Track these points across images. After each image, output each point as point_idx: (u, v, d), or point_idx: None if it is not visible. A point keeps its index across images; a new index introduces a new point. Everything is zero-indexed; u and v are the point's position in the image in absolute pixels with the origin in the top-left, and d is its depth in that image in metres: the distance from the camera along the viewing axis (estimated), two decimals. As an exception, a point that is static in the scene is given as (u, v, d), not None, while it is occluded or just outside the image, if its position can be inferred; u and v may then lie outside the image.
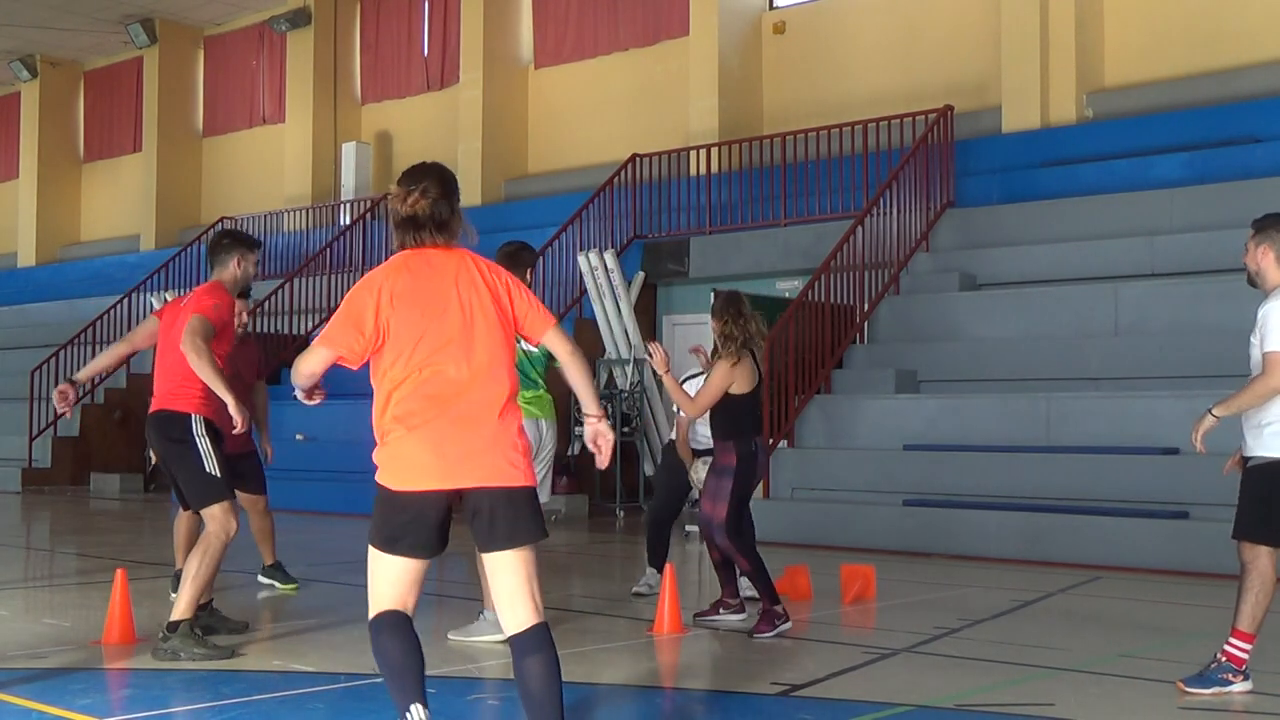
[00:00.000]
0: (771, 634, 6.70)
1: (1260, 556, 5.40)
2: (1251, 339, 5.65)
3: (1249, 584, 5.42)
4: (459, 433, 3.83)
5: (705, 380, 7.12)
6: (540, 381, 6.71)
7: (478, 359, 3.85)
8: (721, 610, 7.22)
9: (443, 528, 3.98)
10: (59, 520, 14.81)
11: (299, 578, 8.57)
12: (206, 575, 6.04)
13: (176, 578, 7.99)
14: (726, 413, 6.99)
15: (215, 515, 6.05)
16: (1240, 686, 5.40)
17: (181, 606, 5.96)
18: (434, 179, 3.95)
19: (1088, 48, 15.25)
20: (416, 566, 3.92)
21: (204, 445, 6.10)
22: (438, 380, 3.82)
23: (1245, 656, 5.44)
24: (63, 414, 5.77)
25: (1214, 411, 5.49)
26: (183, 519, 7.30)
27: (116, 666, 5.81)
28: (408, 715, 3.78)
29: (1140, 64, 15.10)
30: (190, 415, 6.10)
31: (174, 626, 5.91)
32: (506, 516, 3.90)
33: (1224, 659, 5.43)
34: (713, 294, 7.40)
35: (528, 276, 6.62)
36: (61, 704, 5.05)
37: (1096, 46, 15.36)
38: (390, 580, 3.89)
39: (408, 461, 3.86)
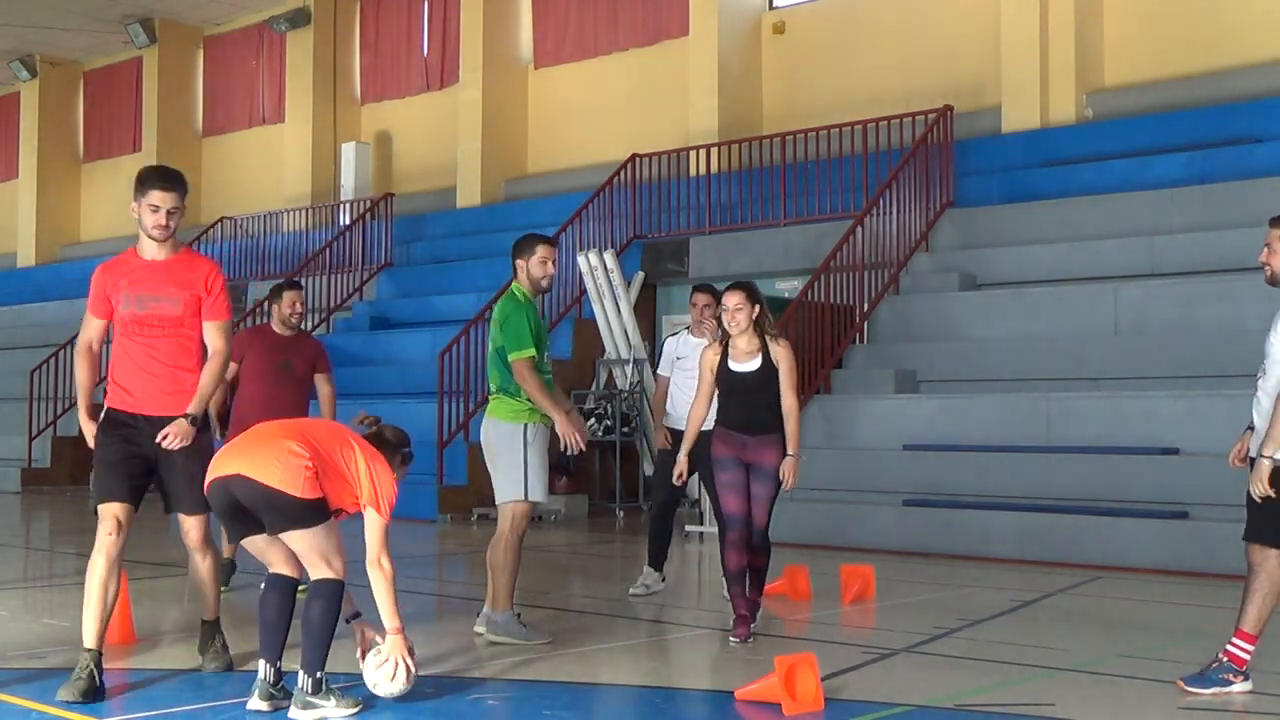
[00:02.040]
0: (748, 639, 6.52)
1: (1270, 559, 5.39)
2: (1271, 338, 5.59)
3: (1256, 585, 5.41)
4: None
5: (792, 367, 6.72)
6: (513, 388, 6.50)
7: None
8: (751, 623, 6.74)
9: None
10: (58, 520, 14.80)
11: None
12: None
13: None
14: (772, 397, 6.68)
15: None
16: (1240, 687, 5.39)
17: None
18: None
19: (1087, 48, 15.25)
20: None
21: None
22: None
23: (1247, 657, 5.44)
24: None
25: (1266, 454, 5.35)
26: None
27: (116, 666, 5.80)
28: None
29: (1140, 64, 15.10)
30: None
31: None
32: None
33: (1225, 659, 5.43)
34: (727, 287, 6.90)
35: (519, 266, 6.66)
36: (61, 704, 5.05)
37: (1096, 46, 15.35)
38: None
39: None
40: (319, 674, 4.98)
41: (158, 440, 5.44)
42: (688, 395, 8.25)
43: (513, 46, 20.89)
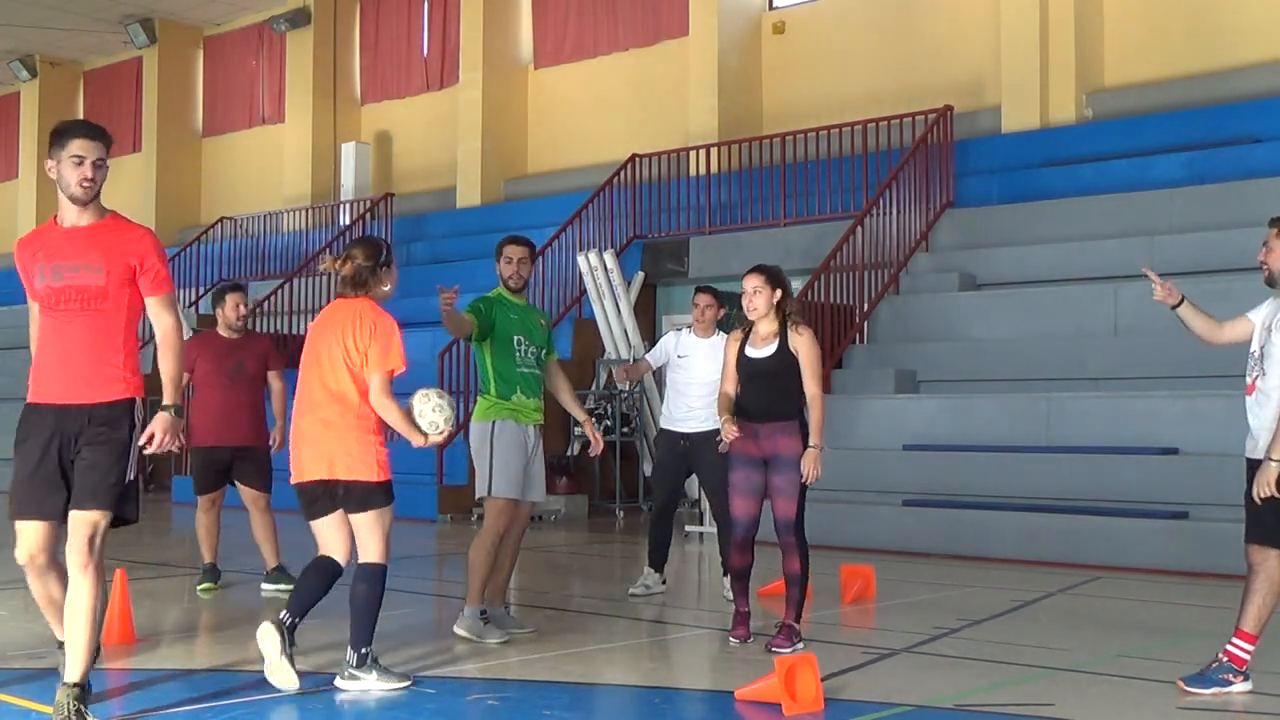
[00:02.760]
0: (788, 651, 6.21)
1: (1270, 559, 5.38)
2: (1273, 337, 5.45)
3: (1256, 585, 5.41)
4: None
5: (813, 356, 6.46)
6: (487, 386, 6.67)
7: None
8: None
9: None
10: (58, 520, 14.78)
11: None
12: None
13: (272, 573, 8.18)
14: (789, 384, 6.43)
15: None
16: (1240, 687, 5.40)
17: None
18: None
19: (1087, 47, 15.25)
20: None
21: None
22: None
23: (1247, 657, 5.44)
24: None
25: (1275, 457, 5.26)
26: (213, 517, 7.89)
27: (116, 667, 5.81)
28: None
29: (1140, 64, 15.10)
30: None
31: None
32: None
33: (1225, 659, 5.43)
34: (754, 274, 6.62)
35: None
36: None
37: (1096, 46, 15.35)
38: None
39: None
40: (365, 650, 5.36)
41: (140, 442, 4.78)
42: (686, 394, 8.26)
43: (513, 46, 20.89)
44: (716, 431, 8.16)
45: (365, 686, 5.31)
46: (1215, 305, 11.53)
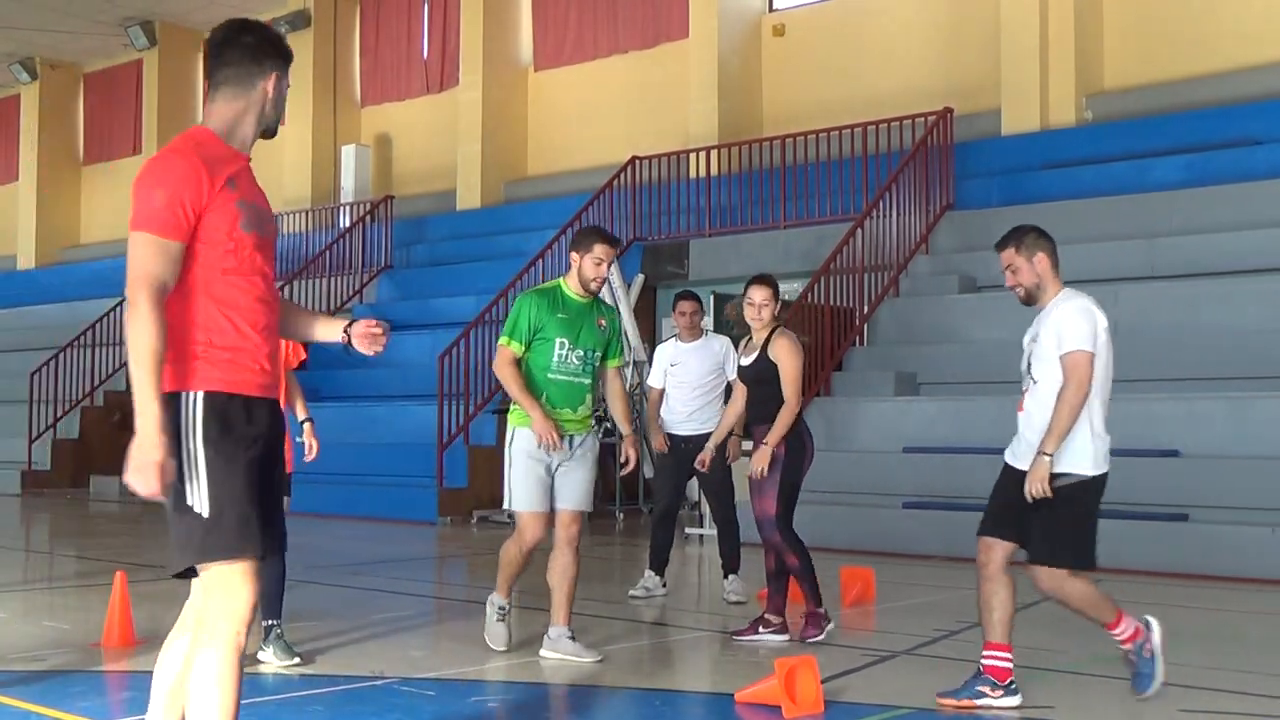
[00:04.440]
0: (821, 636, 6.53)
1: (995, 551, 5.13)
2: (1035, 345, 5.36)
3: (991, 588, 5.12)
4: None
5: (789, 364, 6.56)
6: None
7: None
8: (761, 629, 6.68)
9: None
10: (58, 523, 14.81)
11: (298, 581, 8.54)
12: None
13: None
14: (770, 390, 6.58)
15: None
16: (1007, 701, 5.09)
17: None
18: None
19: (1087, 50, 15.26)
20: None
21: None
22: None
23: (1009, 667, 5.13)
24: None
25: (1045, 450, 5.08)
26: None
27: (116, 669, 5.81)
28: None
29: (1139, 66, 15.11)
30: None
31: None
32: None
33: (984, 671, 5.13)
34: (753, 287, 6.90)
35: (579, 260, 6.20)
36: (61, 706, 5.04)
37: (1096, 49, 15.36)
38: None
39: None
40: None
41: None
42: (683, 401, 8.26)
43: (513, 49, 20.90)
44: None
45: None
46: (1215, 307, 11.64)
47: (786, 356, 6.61)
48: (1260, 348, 10.99)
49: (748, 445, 8.49)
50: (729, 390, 8.33)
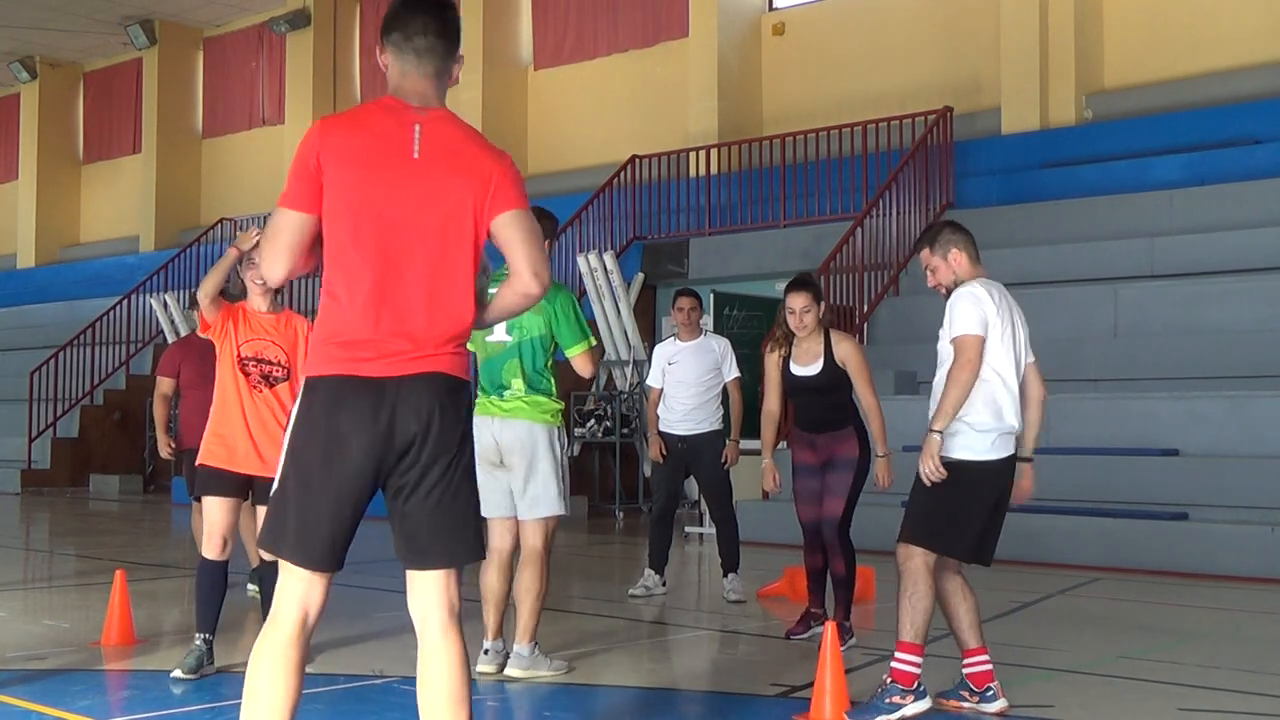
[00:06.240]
0: (844, 648, 6.32)
1: (914, 557, 5.03)
2: (942, 333, 5.32)
3: (904, 589, 5.01)
4: None
5: (862, 365, 6.55)
6: (520, 382, 5.76)
7: None
8: (813, 624, 6.69)
9: None
10: (58, 521, 14.80)
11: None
12: None
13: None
14: (840, 397, 6.54)
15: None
16: (914, 707, 4.94)
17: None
18: None
19: (1087, 49, 15.26)
20: None
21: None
22: None
23: (917, 672, 5.00)
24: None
25: (934, 428, 5.03)
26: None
27: (116, 668, 5.81)
28: None
29: (1140, 65, 15.11)
30: None
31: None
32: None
33: (890, 679, 5.00)
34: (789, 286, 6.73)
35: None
36: (61, 705, 5.04)
37: (1096, 48, 15.36)
38: None
39: None
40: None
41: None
42: (680, 400, 8.25)
43: (512, 47, 20.90)
44: (714, 433, 8.21)
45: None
46: (1214, 306, 11.64)
47: (857, 358, 6.55)
48: (1260, 347, 11.00)
49: (748, 445, 8.52)
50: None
